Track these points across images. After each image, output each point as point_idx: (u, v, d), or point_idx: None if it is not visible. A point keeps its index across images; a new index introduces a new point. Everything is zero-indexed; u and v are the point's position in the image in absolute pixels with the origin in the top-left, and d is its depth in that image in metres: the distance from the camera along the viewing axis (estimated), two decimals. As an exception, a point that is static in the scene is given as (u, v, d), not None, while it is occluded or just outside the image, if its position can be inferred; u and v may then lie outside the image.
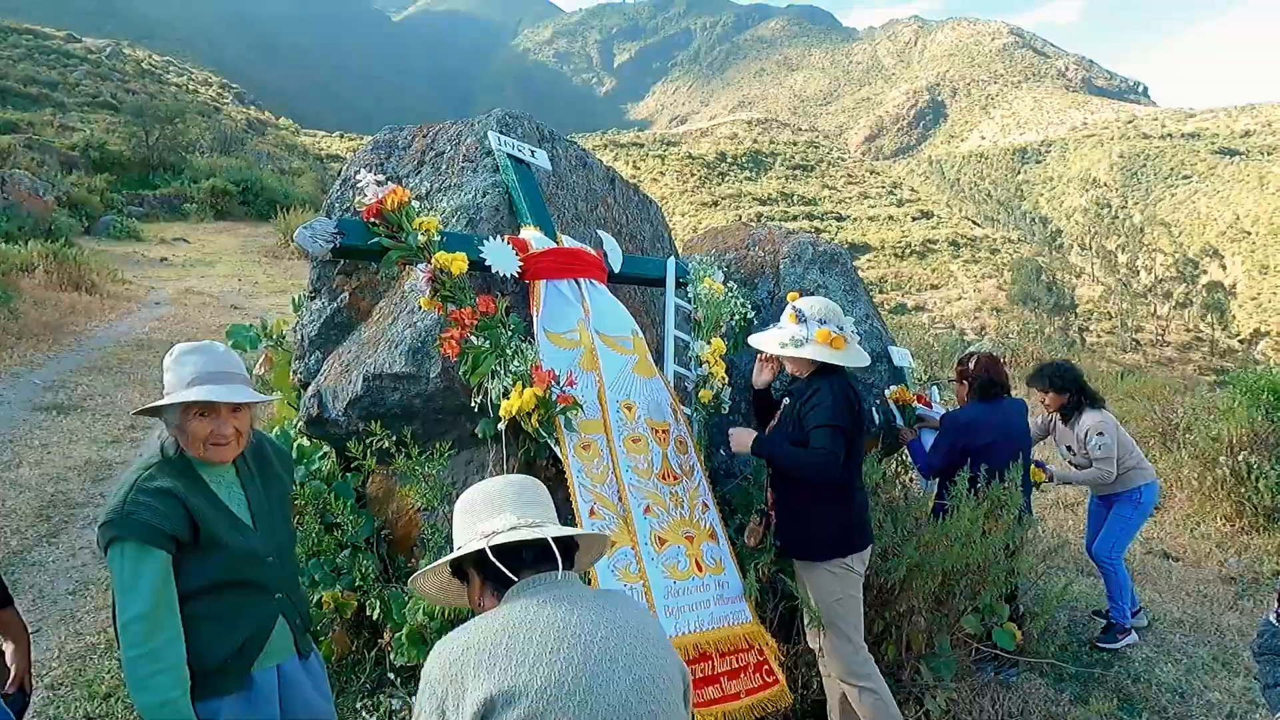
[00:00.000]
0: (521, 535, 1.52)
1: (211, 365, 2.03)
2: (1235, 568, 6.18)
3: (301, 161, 42.98)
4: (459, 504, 1.67)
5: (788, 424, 3.01)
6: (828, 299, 3.15)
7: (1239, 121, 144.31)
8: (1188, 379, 33.10)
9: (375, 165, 3.81)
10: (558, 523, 1.67)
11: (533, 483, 1.70)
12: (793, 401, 3.03)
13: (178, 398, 1.98)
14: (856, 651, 2.91)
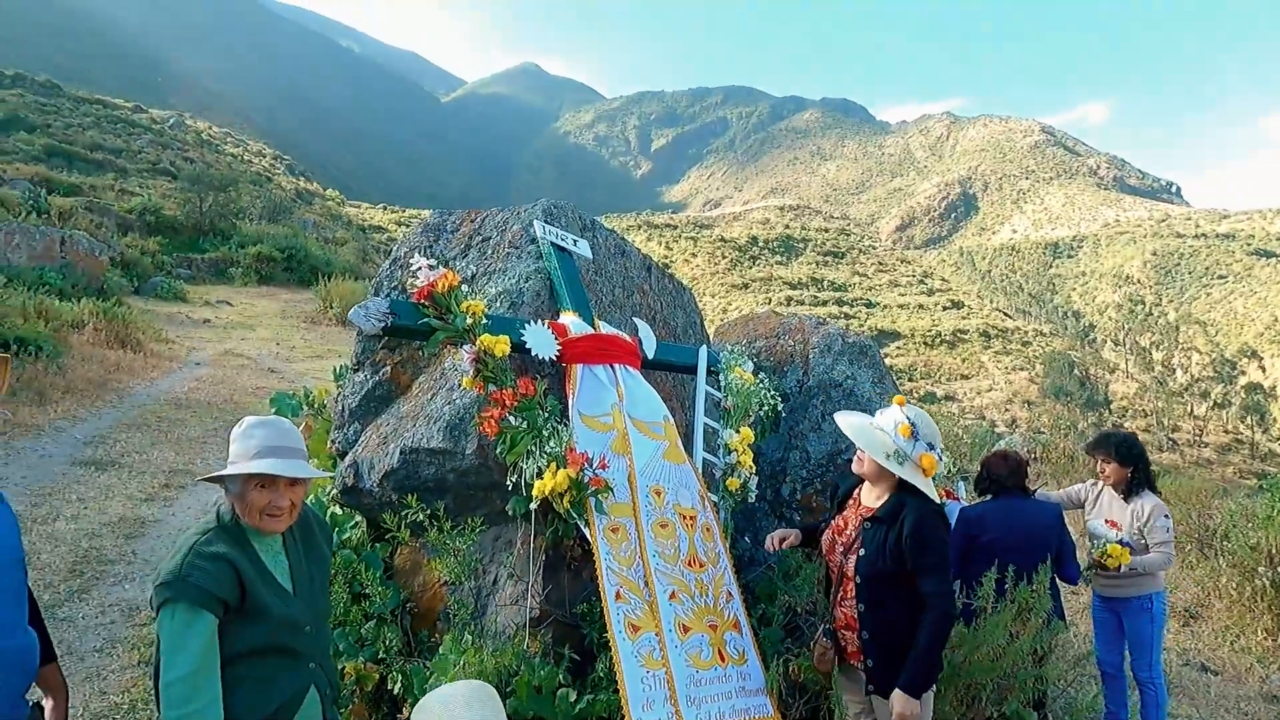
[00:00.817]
0: None
1: (276, 439, 2.14)
2: (1277, 684, 5.95)
3: (345, 231, 44.40)
4: (416, 708, 1.73)
5: (878, 548, 2.79)
6: (929, 418, 2.95)
7: (1274, 224, 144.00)
8: (1228, 481, 32.16)
9: (424, 248, 4.00)
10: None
11: (484, 691, 1.75)
12: (883, 526, 2.82)
13: (243, 469, 2.09)
14: None
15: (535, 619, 3.29)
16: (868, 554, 2.80)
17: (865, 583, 2.80)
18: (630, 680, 2.63)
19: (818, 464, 4.68)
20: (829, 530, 3.00)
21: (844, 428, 2.90)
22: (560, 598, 3.35)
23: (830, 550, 2.96)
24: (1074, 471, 12.07)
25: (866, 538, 2.82)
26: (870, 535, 2.81)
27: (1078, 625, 6.85)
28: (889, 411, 2.88)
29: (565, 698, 2.96)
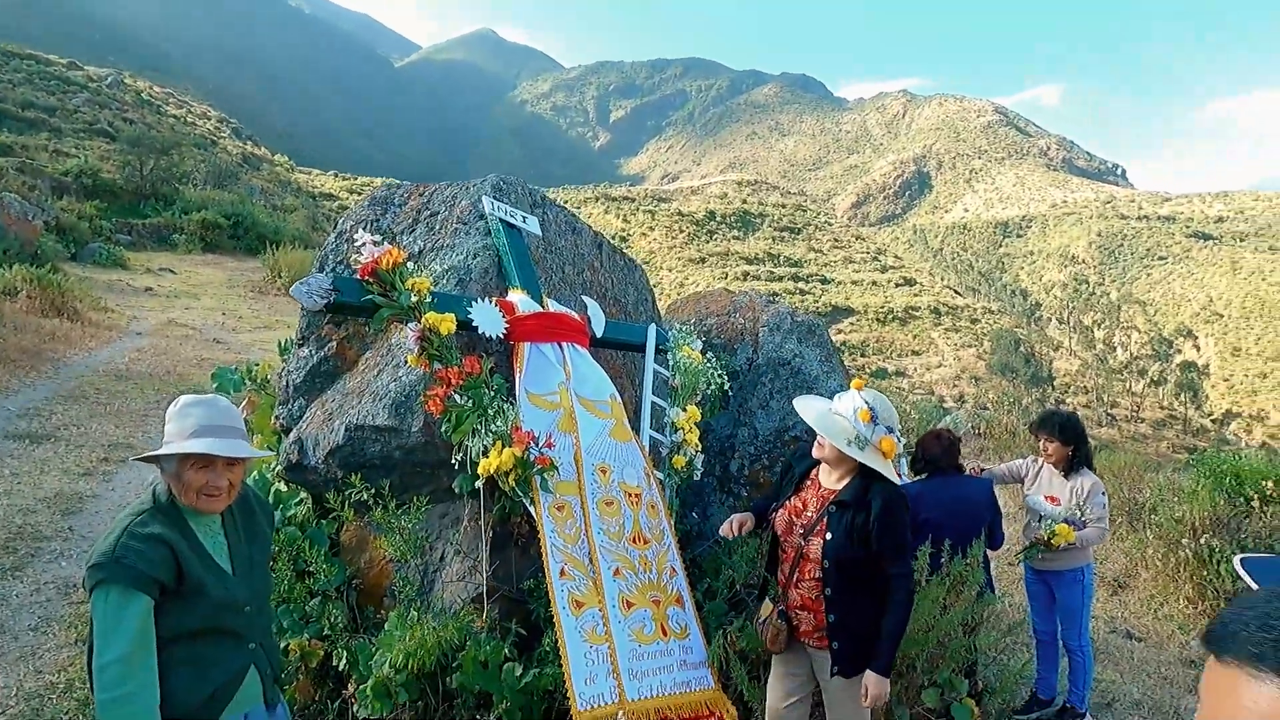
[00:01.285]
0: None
1: (214, 418, 2.11)
2: (1196, 650, 6.25)
3: (294, 198, 43.29)
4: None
5: (845, 533, 2.83)
6: (887, 401, 2.95)
7: (1212, 207, 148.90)
8: (1161, 456, 33.46)
9: (371, 221, 3.94)
10: None
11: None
12: (850, 510, 2.85)
13: (178, 448, 2.06)
14: None
15: (482, 595, 3.31)
16: (835, 539, 2.82)
17: (834, 567, 2.83)
18: (574, 655, 2.67)
19: (766, 441, 4.76)
20: (785, 511, 2.99)
21: (804, 415, 2.89)
22: (507, 574, 3.38)
23: (788, 531, 2.96)
24: (1015, 446, 12.44)
25: (832, 522, 2.84)
26: (836, 519, 2.84)
27: (1011, 595, 7.12)
28: (847, 396, 2.88)
29: (511, 672, 3.00)
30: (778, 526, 3.00)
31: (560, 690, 2.83)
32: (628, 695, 2.71)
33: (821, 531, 2.86)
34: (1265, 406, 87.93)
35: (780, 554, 3.02)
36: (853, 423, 2.80)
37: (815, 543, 2.86)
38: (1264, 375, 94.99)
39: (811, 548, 2.87)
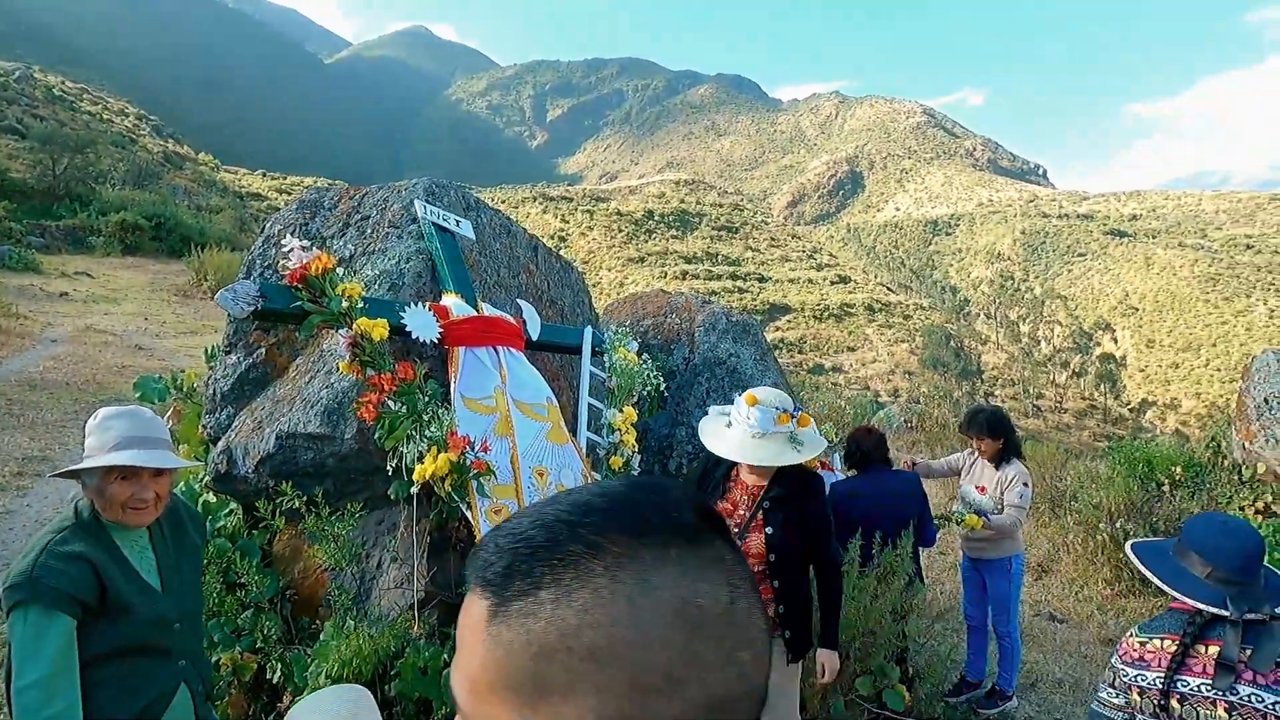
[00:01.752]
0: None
1: (136, 429, 2.05)
2: (1113, 630, 6.57)
3: (220, 199, 41.89)
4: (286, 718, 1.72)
5: (783, 525, 2.90)
6: (772, 391, 3.01)
7: (1127, 206, 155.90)
8: (1083, 445, 34.89)
9: (299, 225, 3.87)
10: None
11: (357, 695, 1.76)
12: (789, 504, 2.93)
13: (101, 461, 2.00)
14: None
15: (421, 601, 3.29)
16: (777, 533, 2.90)
17: (779, 559, 2.91)
18: (512, 658, 2.68)
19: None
20: None
21: (762, 462, 2.86)
22: (446, 580, 3.36)
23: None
24: (946, 439, 12.85)
25: (770, 517, 2.92)
26: (773, 514, 2.92)
27: (943, 584, 7.36)
28: (754, 414, 2.87)
29: (450, 677, 2.99)
30: None
31: (501, 694, 2.83)
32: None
33: (759, 527, 2.92)
34: (1177, 395, 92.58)
35: None
36: (780, 432, 2.87)
37: (755, 539, 2.91)
38: (1176, 365, 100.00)
39: (751, 544, 2.91)
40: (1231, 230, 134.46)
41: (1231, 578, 2.07)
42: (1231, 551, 2.10)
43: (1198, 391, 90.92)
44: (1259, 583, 2.09)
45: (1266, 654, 2.00)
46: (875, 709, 3.81)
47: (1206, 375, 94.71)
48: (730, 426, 2.95)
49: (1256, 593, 2.07)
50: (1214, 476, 7.91)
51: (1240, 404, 7.84)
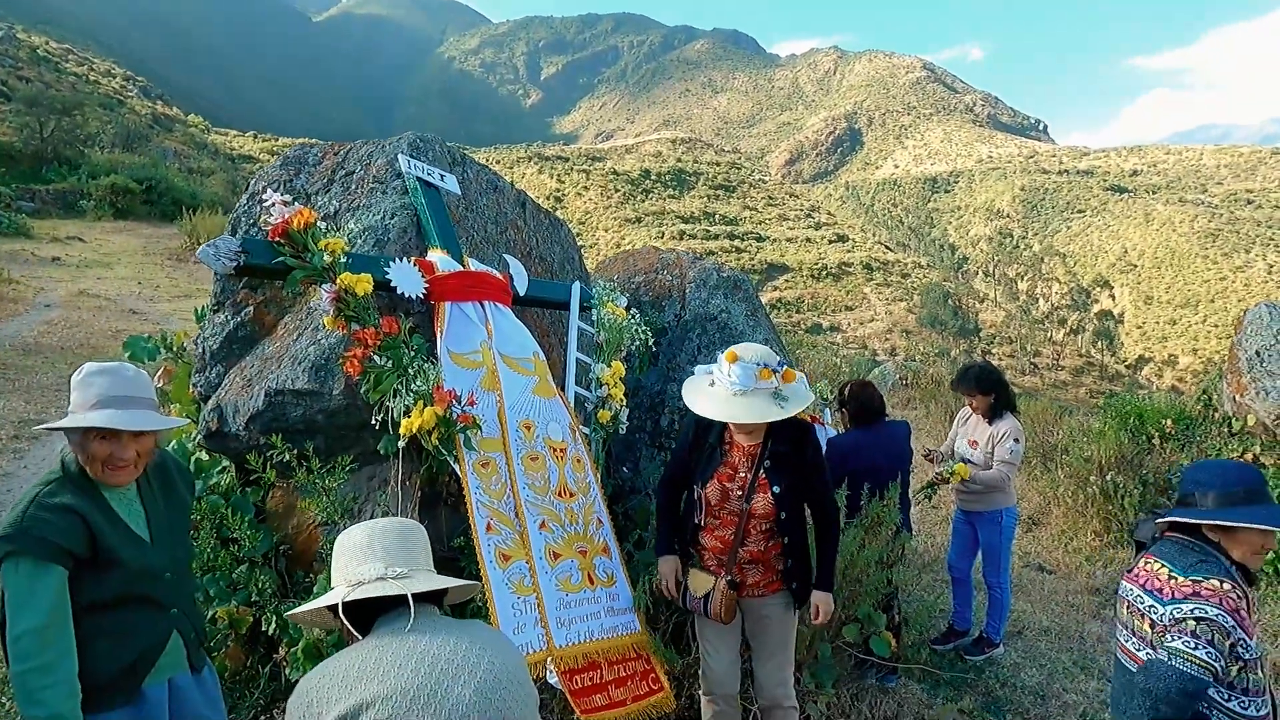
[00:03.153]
0: (384, 590, 1.59)
1: (117, 388, 2.05)
2: (1101, 579, 6.67)
3: (211, 161, 41.46)
4: (338, 542, 1.74)
5: (789, 481, 2.92)
6: (752, 346, 2.95)
7: (1128, 161, 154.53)
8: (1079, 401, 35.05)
9: (284, 182, 3.83)
10: (431, 568, 1.75)
11: (411, 528, 1.76)
12: (789, 459, 2.94)
13: (78, 421, 2.00)
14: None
15: (412, 554, 3.33)
16: (783, 491, 2.90)
17: (788, 517, 2.94)
18: (501, 607, 2.73)
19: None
20: (716, 482, 2.93)
21: (745, 419, 2.81)
22: (437, 533, 3.39)
23: (724, 500, 2.94)
24: (940, 395, 12.90)
25: (774, 476, 2.90)
26: (777, 473, 2.91)
27: (934, 536, 7.46)
28: (735, 370, 2.82)
29: (442, 627, 3.04)
30: (710, 498, 2.95)
31: (492, 642, 2.89)
32: (555, 642, 2.78)
33: (764, 487, 2.90)
34: (1175, 351, 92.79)
35: (711, 522, 2.98)
36: (763, 388, 2.81)
37: (761, 499, 2.90)
38: (1174, 322, 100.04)
39: (758, 505, 2.90)
40: (1232, 185, 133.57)
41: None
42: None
43: (1195, 348, 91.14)
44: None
45: None
46: (861, 655, 3.89)
47: (1204, 331, 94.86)
48: (713, 385, 2.92)
49: None
50: (1204, 429, 7.97)
51: (1232, 357, 7.86)
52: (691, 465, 3.06)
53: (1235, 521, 2.15)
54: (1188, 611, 2.11)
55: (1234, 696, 2.13)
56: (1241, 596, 2.13)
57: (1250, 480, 2.20)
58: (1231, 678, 2.12)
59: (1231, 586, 2.12)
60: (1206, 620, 2.08)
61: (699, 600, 2.93)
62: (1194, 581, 2.14)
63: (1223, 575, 2.14)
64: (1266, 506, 2.17)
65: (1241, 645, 2.08)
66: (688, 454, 3.08)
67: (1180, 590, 2.16)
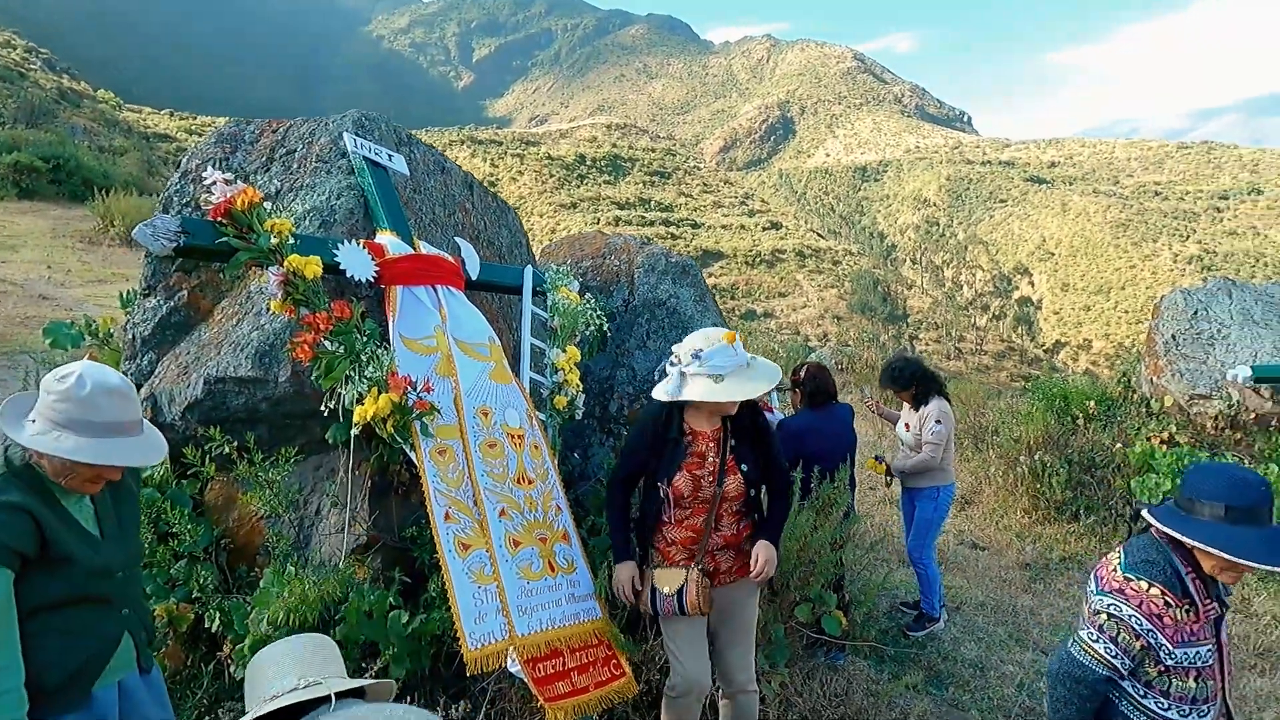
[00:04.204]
0: (301, 696, 1.56)
1: (127, 411, 1.92)
2: (1030, 555, 6.95)
3: (125, 139, 39.38)
4: (249, 668, 1.70)
5: (753, 457, 2.93)
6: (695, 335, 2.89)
7: (1046, 153, 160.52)
8: (1002, 384, 36.37)
9: (219, 160, 3.66)
10: (344, 674, 1.70)
11: (319, 641, 1.72)
12: (744, 429, 2.96)
13: (90, 456, 1.86)
14: None
15: (363, 545, 3.25)
16: (750, 466, 2.93)
17: (756, 493, 2.99)
18: (462, 596, 2.67)
19: (644, 381, 4.84)
20: (683, 474, 2.87)
21: (762, 392, 2.81)
22: (388, 523, 3.31)
23: (695, 490, 2.89)
24: (873, 380, 13.22)
25: (740, 454, 2.92)
26: (742, 451, 2.93)
27: (873, 516, 7.65)
28: (735, 349, 2.81)
29: (397, 619, 2.97)
30: (681, 491, 2.88)
31: (449, 633, 2.83)
32: (517, 630, 2.74)
33: (734, 468, 2.91)
34: (1089, 336, 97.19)
35: (680, 514, 2.92)
36: (741, 361, 2.82)
37: (733, 480, 2.91)
38: (1088, 308, 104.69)
39: (730, 487, 2.91)
40: (1142, 178, 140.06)
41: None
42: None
43: (1107, 333, 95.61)
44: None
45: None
46: (814, 634, 3.96)
47: (1116, 317, 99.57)
48: (695, 375, 2.78)
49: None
50: (1124, 410, 8.35)
51: (1150, 341, 8.25)
52: (650, 463, 2.95)
53: (1195, 542, 2.04)
54: (1105, 605, 2.14)
55: (1151, 695, 2.14)
56: (1177, 604, 2.07)
57: (1247, 498, 2.05)
58: (1150, 677, 2.13)
59: (1161, 592, 2.07)
60: (1118, 619, 2.10)
61: (671, 598, 2.85)
62: (1125, 579, 2.14)
63: (1159, 580, 2.09)
64: (1255, 529, 2.01)
65: (1163, 651, 2.07)
66: (647, 452, 2.96)
67: (1111, 583, 2.16)
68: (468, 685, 3.13)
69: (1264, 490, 2.06)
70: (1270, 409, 6.93)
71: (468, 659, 2.60)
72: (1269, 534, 2.01)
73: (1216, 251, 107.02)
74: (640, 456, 2.98)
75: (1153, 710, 2.15)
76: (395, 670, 2.94)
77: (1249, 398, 7.02)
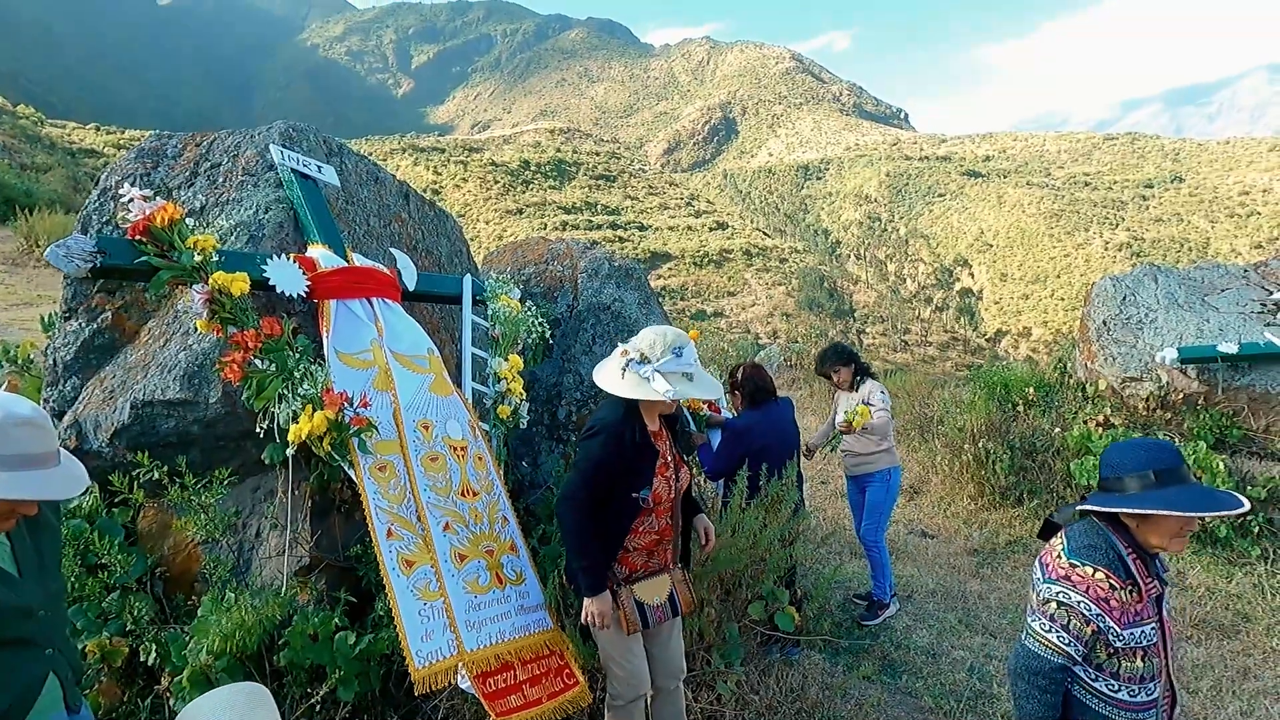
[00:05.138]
0: None
1: (40, 443, 1.80)
2: (977, 540, 7.11)
3: (48, 155, 37.94)
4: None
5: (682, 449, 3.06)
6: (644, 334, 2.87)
7: (981, 148, 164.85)
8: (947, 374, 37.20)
9: (140, 176, 3.53)
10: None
11: (251, 691, 1.67)
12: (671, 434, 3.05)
13: (4, 491, 1.74)
14: None
15: (306, 567, 3.16)
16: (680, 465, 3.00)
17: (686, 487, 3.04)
18: (407, 614, 2.62)
19: (592, 386, 4.82)
20: (659, 481, 2.83)
21: (718, 392, 2.87)
22: (331, 543, 3.23)
23: (668, 492, 2.87)
24: (821, 375, 13.37)
25: (678, 447, 3.02)
26: (676, 444, 3.02)
27: (824, 510, 7.74)
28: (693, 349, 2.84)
29: (344, 641, 2.90)
30: (660, 496, 2.83)
31: (398, 653, 2.78)
32: (466, 646, 2.70)
33: (680, 462, 2.98)
34: (1028, 324, 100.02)
35: (647, 521, 2.85)
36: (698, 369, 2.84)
37: (683, 475, 2.98)
38: (1026, 297, 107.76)
39: (684, 483, 2.98)
40: (1072, 169, 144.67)
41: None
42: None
43: (1045, 320, 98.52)
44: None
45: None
46: (768, 631, 3.98)
47: (1053, 304, 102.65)
48: (670, 373, 2.74)
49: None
50: (1061, 395, 8.59)
51: (1083, 327, 8.50)
52: (623, 475, 2.79)
53: (1144, 509, 2.09)
54: (1054, 593, 2.17)
55: (1102, 678, 2.19)
56: (1121, 586, 2.13)
57: (1166, 460, 2.13)
58: (1100, 661, 2.18)
59: (1105, 576, 2.12)
60: (1067, 606, 2.14)
61: (663, 606, 2.82)
62: (1070, 565, 2.17)
63: (1103, 564, 2.14)
64: (1183, 488, 2.09)
65: (1112, 634, 2.12)
66: (618, 465, 2.77)
67: (1057, 570, 2.20)
68: (419, 704, 3.07)
69: (1177, 451, 2.17)
70: (1196, 389, 7.20)
71: (415, 678, 2.55)
72: (1198, 488, 2.10)
73: (1144, 238, 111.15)
74: (616, 468, 2.77)
75: (1104, 693, 2.19)
76: (344, 693, 2.87)
77: (1176, 378, 7.28)
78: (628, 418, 2.78)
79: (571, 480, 2.77)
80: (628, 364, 2.76)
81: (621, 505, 2.79)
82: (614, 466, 2.76)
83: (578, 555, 2.74)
